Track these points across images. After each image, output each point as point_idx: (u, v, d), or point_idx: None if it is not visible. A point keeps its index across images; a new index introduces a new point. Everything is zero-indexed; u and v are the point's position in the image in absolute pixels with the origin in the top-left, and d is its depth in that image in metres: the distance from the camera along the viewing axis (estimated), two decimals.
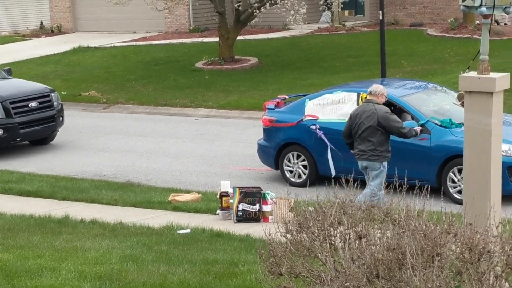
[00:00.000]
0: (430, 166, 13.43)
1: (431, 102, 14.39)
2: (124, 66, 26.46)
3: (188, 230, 10.75)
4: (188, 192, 13.33)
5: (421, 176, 13.02)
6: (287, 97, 15.90)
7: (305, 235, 5.35)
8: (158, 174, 15.43)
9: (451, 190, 13.33)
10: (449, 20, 28.93)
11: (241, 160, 16.19)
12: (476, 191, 5.86)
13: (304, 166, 14.45)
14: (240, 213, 11.67)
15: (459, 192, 13.19)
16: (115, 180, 14.91)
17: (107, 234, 10.21)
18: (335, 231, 5.21)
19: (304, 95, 15.36)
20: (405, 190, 5.73)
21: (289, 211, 6.17)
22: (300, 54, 26.61)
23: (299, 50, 27.15)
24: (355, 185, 5.84)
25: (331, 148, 14.00)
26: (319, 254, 5.02)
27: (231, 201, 11.83)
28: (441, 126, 13.49)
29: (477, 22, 28.89)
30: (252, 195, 11.69)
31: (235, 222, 11.60)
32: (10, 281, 7.70)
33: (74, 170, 15.92)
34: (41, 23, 35.89)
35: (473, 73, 6.38)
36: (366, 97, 12.70)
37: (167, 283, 7.52)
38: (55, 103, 17.82)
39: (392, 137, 13.67)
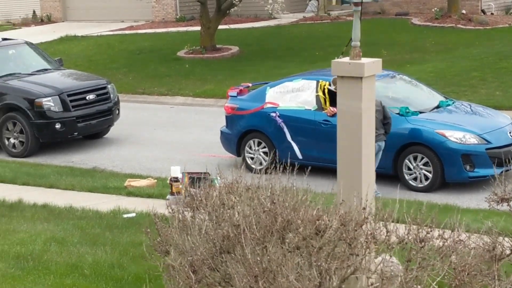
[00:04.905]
0: (387, 154, 13.57)
1: (389, 90, 14.56)
2: (107, 55, 26.70)
3: (133, 214, 10.98)
4: (145, 177, 13.56)
5: (377, 164, 13.24)
6: (250, 84, 16.11)
7: (186, 213, 5.57)
8: (125, 161, 15.67)
9: (407, 177, 13.50)
10: (433, 10, 29.01)
11: (208, 147, 16.40)
12: (347, 171, 6.07)
13: (265, 153, 14.65)
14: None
15: (415, 179, 13.40)
16: (82, 167, 15.15)
17: (50, 218, 10.45)
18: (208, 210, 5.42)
19: (266, 83, 15.56)
20: None
21: (184, 191, 6.38)
22: (282, 43, 26.77)
23: (281, 39, 27.31)
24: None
25: (290, 134, 14.20)
26: (189, 232, 5.25)
27: (181, 186, 12.03)
28: (398, 114, 13.69)
29: (463, 11, 29.00)
30: (200, 180, 11.88)
31: None
32: None
33: (44, 156, 16.18)
34: (34, 12, 36.14)
35: (346, 59, 6.60)
36: None
37: (80, 263, 7.77)
38: (111, 96, 17.23)
39: None
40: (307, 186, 5.37)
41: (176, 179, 12.10)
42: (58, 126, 16.26)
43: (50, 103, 16.28)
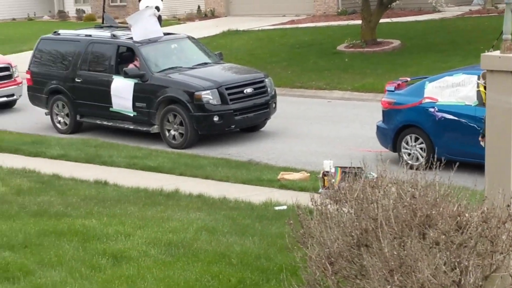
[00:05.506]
0: None
1: None
2: (268, 49, 26.97)
3: (285, 207, 11.00)
4: (298, 171, 13.58)
5: None
6: (409, 79, 15.80)
7: (330, 206, 5.50)
8: (280, 154, 15.75)
9: None
10: None
11: (364, 142, 16.23)
12: (495, 167, 5.78)
13: (422, 149, 14.35)
14: None
15: None
16: (238, 159, 15.36)
17: (203, 208, 10.64)
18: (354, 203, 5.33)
19: (425, 78, 15.22)
20: None
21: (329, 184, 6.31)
22: (446, 36, 26.12)
23: (445, 33, 26.65)
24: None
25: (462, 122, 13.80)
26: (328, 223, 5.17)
27: (333, 180, 11.94)
28: None
29: None
30: (352, 174, 11.73)
31: None
32: (83, 244, 8.33)
33: (201, 148, 16.50)
34: (198, 7, 37.06)
35: (496, 52, 6.28)
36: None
37: (228, 252, 7.85)
38: (269, 89, 17.38)
39: None
40: (450, 181, 5.17)
41: (328, 173, 12.04)
42: (216, 118, 16.53)
43: (209, 96, 16.57)
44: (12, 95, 21.44)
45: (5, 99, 21.34)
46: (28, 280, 7.67)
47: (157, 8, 18.59)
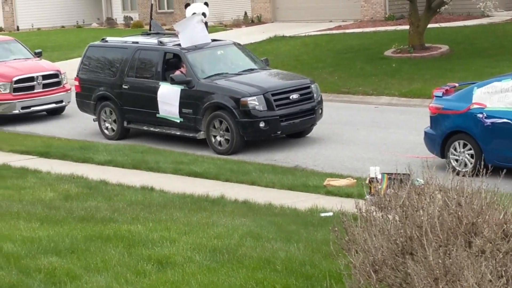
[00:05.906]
0: None
1: None
2: (314, 55, 26.90)
3: (331, 213, 10.93)
4: (345, 177, 13.50)
5: None
6: (457, 84, 15.63)
7: (375, 213, 5.45)
8: (326, 160, 15.68)
9: None
10: None
11: (411, 148, 16.08)
12: None
13: (471, 155, 14.17)
14: None
15: None
16: (284, 165, 15.33)
17: (248, 214, 10.62)
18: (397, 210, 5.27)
19: (473, 83, 15.04)
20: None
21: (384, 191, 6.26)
22: (495, 41, 25.81)
23: (494, 38, 26.33)
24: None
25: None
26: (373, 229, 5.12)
27: (379, 186, 11.85)
28: None
29: None
30: (399, 181, 11.62)
31: None
32: (129, 249, 8.37)
33: (247, 154, 16.49)
34: (245, 13, 37.16)
35: None
36: None
37: (273, 258, 7.82)
38: (315, 95, 17.33)
39: None
40: (497, 188, 5.08)
41: (373, 179, 11.94)
42: (262, 124, 16.51)
43: (255, 102, 16.56)
44: (61, 101, 21.75)
45: (54, 105, 21.66)
46: (74, 285, 7.72)
47: (204, 14, 18.66)
